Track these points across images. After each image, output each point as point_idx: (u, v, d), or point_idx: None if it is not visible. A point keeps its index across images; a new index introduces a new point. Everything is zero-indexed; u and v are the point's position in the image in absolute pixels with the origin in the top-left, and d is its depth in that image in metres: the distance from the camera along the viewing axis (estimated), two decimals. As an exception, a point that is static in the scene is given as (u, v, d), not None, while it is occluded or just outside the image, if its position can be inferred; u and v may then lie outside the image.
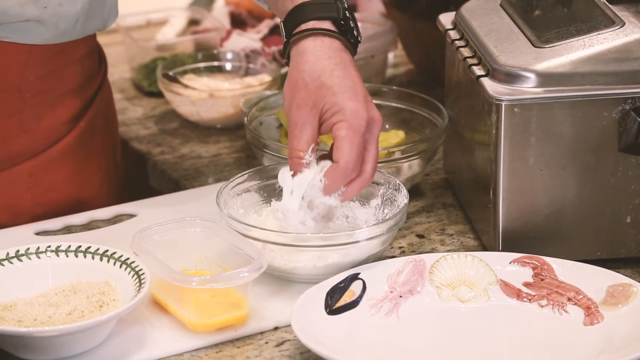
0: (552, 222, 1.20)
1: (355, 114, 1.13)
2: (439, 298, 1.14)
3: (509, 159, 1.19)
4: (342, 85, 1.14)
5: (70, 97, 1.30)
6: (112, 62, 1.74)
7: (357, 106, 1.13)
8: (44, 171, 1.30)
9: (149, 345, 1.09)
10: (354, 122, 1.13)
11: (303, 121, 1.14)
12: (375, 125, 1.15)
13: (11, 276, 1.12)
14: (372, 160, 1.15)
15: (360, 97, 1.14)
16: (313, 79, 1.14)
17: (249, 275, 1.10)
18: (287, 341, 1.11)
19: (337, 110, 1.13)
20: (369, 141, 1.14)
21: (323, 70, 1.14)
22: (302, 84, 1.15)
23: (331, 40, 1.16)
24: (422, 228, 1.30)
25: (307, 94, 1.14)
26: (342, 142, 1.13)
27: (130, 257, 1.12)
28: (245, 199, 1.23)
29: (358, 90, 1.14)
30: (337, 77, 1.14)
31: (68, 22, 1.25)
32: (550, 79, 1.17)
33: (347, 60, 1.16)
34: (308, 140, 1.14)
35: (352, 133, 1.13)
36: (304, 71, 1.15)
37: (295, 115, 1.15)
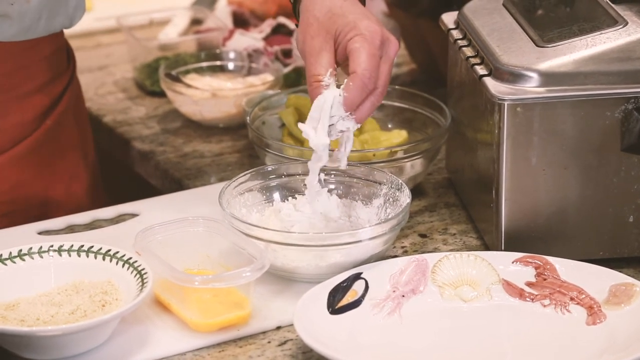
0: (554, 221, 1.20)
1: (369, 29, 1.13)
2: (441, 298, 1.14)
3: (512, 159, 1.19)
4: (352, 11, 1.14)
5: (37, 94, 1.30)
6: (115, 61, 1.75)
7: (370, 23, 1.13)
8: (10, 169, 1.29)
9: (152, 345, 1.09)
10: (368, 35, 1.12)
11: (318, 48, 1.14)
12: (390, 45, 1.14)
13: (14, 275, 1.12)
14: (384, 76, 1.13)
15: (372, 18, 1.14)
16: (323, 12, 1.14)
17: (252, 274, 1.10)
18: (290, 340, 1.11)
19: (350, 29, 1.13)
20: (383, 60, 1.14)
21: (332, 4, 1.14)
22: (312, 19, 1.15)
23: None
24: (424, 227, 1.30)
25: (319, 25, 1.14)
26: (357, 52, 1.12)
27: (132, 257, 1.12)
28: (247, 198, 1.23)
29: (370, 15, 1.15)
30: (347, 7, 1.14)
31: (32, 17, 1.24)
32: (553, 79, 1.17)
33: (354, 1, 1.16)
34: (325, 65, 1.13)
35: (368, 44, 1.12)
36: (314, 9, 1.15)
37: (309, 46, 1.15)
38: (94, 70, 1.71)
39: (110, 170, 1.56)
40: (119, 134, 1.55)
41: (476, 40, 1.25)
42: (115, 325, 1.08)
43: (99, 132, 1.57)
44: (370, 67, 1.12)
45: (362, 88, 1.12)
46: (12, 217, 1.28)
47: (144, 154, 1.50)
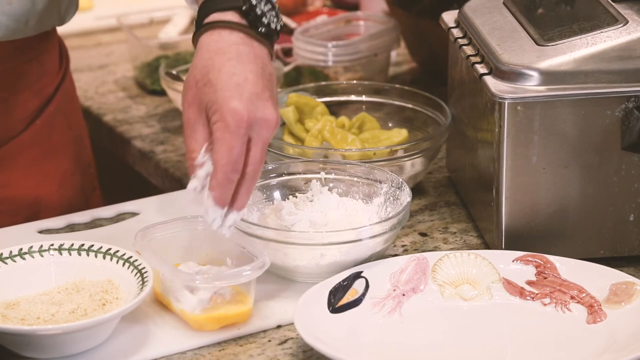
0: (555, 220, 1.20)
1: (232, 114, 1.05)
2: (441, 296, 1.14)
3: (512, 158, 1.19)
4: (226, 83, 1.06)
5: (27, 94, 1.28)
6: (115, 60, 1.74)
7: (236, 105, 1.05)
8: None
9: (152, 344, 1.09)
10: (231, 122, 1.05)
11: (193, 120, 1.08)
12: (261, 125, 1.06)
13: (14, 274, 1.12)
14: (252, 163, 1.06)
15: (244, 96, 1.05)
16: (202, 75, 1.08)
17: (252, 273, 1.10)
18: (290, 339, 1.11)
19: (215, 110, 1.06)
20: (254, 142, 1.06)
21: (213, 67, 1.07)
22: (192, 82, 1.09)
23: (230, 33, 1.08)
24: (425, 226, 1.30)
25: (196, 92, 1.08)
26: (217, 144, 1.05)
27: (133, 256, 1.12)
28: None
29: (245, 88, 1.06)
30: (224, 74, 1.06)
31: (19, 20, 1.22)
32: (553, 77, 1.17)
33: (246, 55, 1.07)
34: (200, 141, 1.08)
35: (229, 134, 1.05)
36: (195, 68, 1.09)
37: (186, 115, 1.09)
38: (95, 69, 1.71)
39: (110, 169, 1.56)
40: (119, 133, 1.55)
41: (476, 39, 1.25)
42: (116, 324, 1.08)
43: (99, 131, 1.57)
44: (230, 160, 1.05)
45: (226, 183, 1.06)
46: (1, 216, 1.28)
47: (144, 153, 1.50)
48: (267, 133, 1.07)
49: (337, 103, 1.42)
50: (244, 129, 1.06)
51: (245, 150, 1.07)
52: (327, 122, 1.35)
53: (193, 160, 1.08)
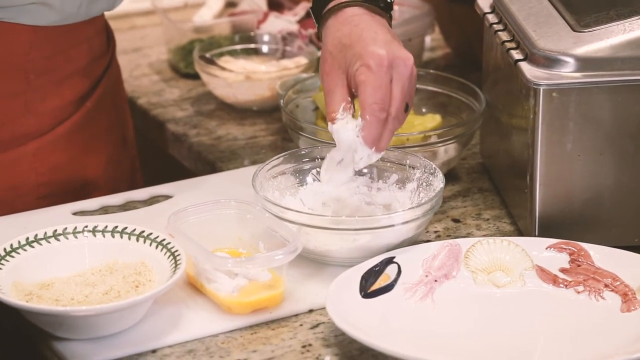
0: (589, 208, 1.19)
1: (372, 56, 1.11)
2: (474, 283, 1.14)
3: (547, 144, 1.18)
4: (359, 38, 1.13)
5: (77, 77, 1.30)
6: (150, 43, 1.75)
7: (374, 48, 1.12)
8: (49, 151, 1.29)
9: (184, 326, 1.09)
10: (372, 63, 1.11)
11: (333, 85, 1.15)
12: (400, 63, 1.12)
13: (49, 255, 1.13)
14: (394, 99, 1.12)
15: (379, 41, 1.12)
16: (335, 45, 1.14)
17: (284, 257, 1.10)
18: (322, 324, 1.11)
19: (356, 60, 1.13)
20: (394, 80, 1.12)
21: (343, 35, 1.14)
22: (327, 54, 1.15)
23: (352, 9, 1.16)
24: (457, 212, 1.29)
25: (332, 60, 1.15)
26: (363, 86, 1.12)
27: (166, 238, 1.13)
28: (280, 181, 1.23)
29: (378, 37, 1.13)
30: (355, 35, 1.14)
31: (73, 4, 1.24)
32: (590, 64, 1.16)
33: (368, 20, 1.15)
34: (338, 101, 1.14)
35: (372, 75, 1.11)
36: (327, 44, 1.16)
37: (325, 83, 1.16)
38: (129, 52, 1.72)
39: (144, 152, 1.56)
40: (153, 116, 1.56)
41: (512, 25, 1.24)
42: (149, 306, 1.09)
43: (134, 114, 1.58)
44: (377, 99, 1.11)
45: (375, 122, 1.12)
46: (50, 199, 1.29)
47: (177, 136, 1.50)
48: (406, 72, 1.13)
49: (371, 88, 1.42)
50: (386, 67, 1.11)
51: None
52: (360, 107, 1.35)
53: (333, 120, 1.14)
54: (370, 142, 1.13)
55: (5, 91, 1.26)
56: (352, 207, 1.20)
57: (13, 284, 1.09)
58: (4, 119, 1.26)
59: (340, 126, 1.15)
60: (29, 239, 1.13)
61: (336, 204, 1.20)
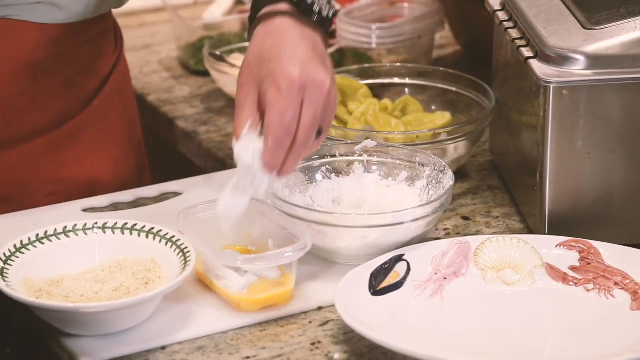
0: (599, 205, 1.19)
1: (284, 76, 1.04)
2: (483, 281, 1.14)
3: (557, 142, 1.18)
4: (277, 54, 1.06)
5: (84, 75, 1.30)
6: (160, 40, 1.75)
7: (288, 68, 1.04)
8: (57, 149, 1.29)
9: (194, 323, 1.09)
10: (283, 84, 1.04)
11: (243, 99, 1.08)
12: (315, 88, 1.04)
13: (59, 252, 1.13)
14: (303, 128, 1.04)
15: (296, 61, 1.04)
16: (254, 57, 1.08)
17: (294, 255, 1.10)
18: (331, 321, 1.11)
19: (268, 77, 1.06)
20: (305, 106, 1.04)
21: (264, 47, 1.08)
22: (246, 65, 1.09)
23: (282, 20, 1.09)
24: (467, 210, 1.29)
25: (249, 72, 1.08)
26: (268, 108, 1.05)
27: (175, 235, 1.13)
28: (290, 178, 1.23)
29: (298, 54, 1.05)
30: (275, 49, 1.06)
31: (80, 3, 1.24)
32: (600, 62, 1.16)
33: (295, 34, 1.07)
34: (246, 117, 1.07)
35: (280, 97, 1.04)
36: (248, 54, 1.09)
37: (238, 96, 1.09)
38: (139, 49, 1.72)
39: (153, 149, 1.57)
40: (163, 113, 1.56)
41: (522, 22, 1.24)
42: (158, 303, 1.09)
43: (143, 111, 1.58)
44: (282, 123, 1.04)
45: (277, 147, 1.05)
46: (57, 197, 1.29)
47: (187, 133, 1.51)
48: (320, 97, 1.05)
49: (380, 85, 1.42)
50: (296, 91, 1.05)
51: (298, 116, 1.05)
52: (370, 104, 1.35)
53: (238, 137, 1.07)
54: (269, 168, 1.06)
55: (12, 89, 1.26)
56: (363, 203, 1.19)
57: (23, 280, 1.09)
58: (11, 116, 1.26)
59: (241, 148, 1.07)
60: (39, 235, 1.13)
61: (346, 201, 1.20)
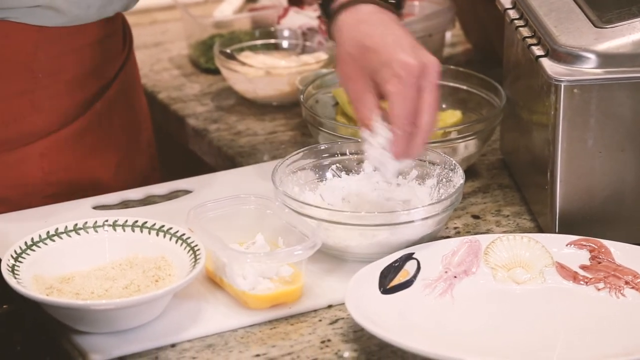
0: (610, 204, 1.19)
1: (403, 65, 1.09)
2: (494, 279, 1.14)
3: (568, 141, 1.18)
4: (384, 43, 1.11)
5: (88, 77, 1.29)
6: (170, 38, 1.75)
7: (404, 56, 1.10)
8: (56, 151, 1.29)
9: (204, 321, 1.10)
10: (403, 73, 1.09)
11: (360, 91, 1.12)
12: (429, 71, 1.10)
13: (69, 249, 1.13)
14: (426, 110, 1.10)
15: (405, 47, 1.10)
16: (354, 46, 1.12)
17: (303, 253, 1.10)
18: (341, 319, 1.11)
19: (385, 68, 1.11)
20: (425, 89, 1.10)
21: (362, 35, 1.12)
22: (346, 56, 1.13)
23: (366, 6, 1.14)
24: (477, 209, 1.29)
25: (354, 63, 1.12)
26: (392, 98, 1.10)
27: (185, 233, 1.13)
28: (300, 176, 1.23)
29: (402, 41, 1.11)
30: (377, 37, 1.11)
31: (80, 7, 1.24)
32: (611, 60, 1.16)
33: (385, 20, 1.13)
34: (370, 108, 1.12)
35: (403, 86, 1.09)
36: (344, 43, 1.13)
37: (352, 89, 1.14)
38: (150, 47, 1.72)
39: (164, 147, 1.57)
40: (173, 111, 1.56)
41: (533, 21, 1.24)
42: (168, 300, 1.09)
43: (154, 108, 1.58)
44: (408, 112, 1.09)
45: (406, 137, 1.11)
46: (57, 199, 1.28)
47: (197, 131, 1.51)
48: (434, 77, 1.11)
49: (391, 83, 1.42)
50: (416, 77, 1.10)
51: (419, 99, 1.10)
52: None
53: (369, 127, 1.12)
54: (400, 156, 1.13)
55: (12, 90, 1.25)
56: (372, 202, 1.20)
57: (34, 277, 1.09)
58: (10, 117, 1.26)
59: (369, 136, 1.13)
60: (49, 232, 1.13)
61: (356, 199, 1.20)
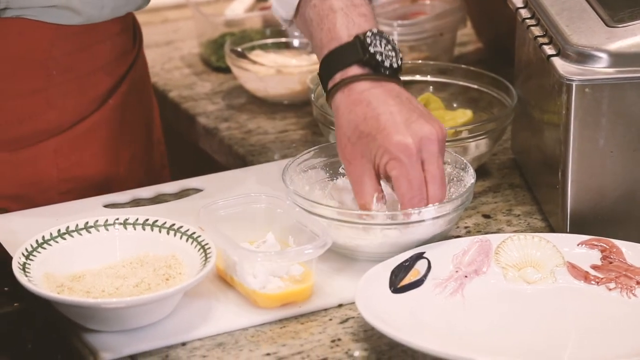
0: (621, 204, 1.18)
1: (399, 147, 1.10)
2: (504, 279, 1.14)
3: (579, 140, 1.17)
4: (378, 126, 1.12)
5: (100, 74, 1.30)
6: (181, 37, 1.75)
7: (398, 138, 1.10)
8: (70, 148, 1.29)
9: (214, 319, 1.10)
10: (401, 155, 1.10)
11: (360, 175, 1.14)
12: (427, 142, 1.11)
13: (80, 248, 1.13)
14: (431, 181, 1.12)
15: (400, 127, 1.11)
16: (351, 130, 1.13)
17: (314, 252, 1.10)
18: (351, 318, 1.11)
19: (382, 152, 1.12)
20: (426, 160, 1.12)
21: (357, 119, 1.13)
22: (344, 140, 1.14)
23: (360, 85, 1.14)
24: (488, 208, 1.29)
25: (352, 147, 1.14)
26: (396, 181, 1.12)
27: (196, 232, 1.13)
28: (311, 175, 1.23)
29: (396, 119, 1.11)
30: (371, 119, 1.12)
31: (94, 7, 1.24)
32: (623, 59, 1.15)
33: (379, 95, 1.13)
34: (370, 192, 1.14)
35: (404, 168, 1.11)
36: (342, 127, 1.14)
37: (351, 172, 1.15)
38: (161, 45, 1.73)
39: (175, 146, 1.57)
40: (184, 110, 1.56)
41: (545, 20, 1.23)
42: (179, 299, 1.09)
43: (165, 107, 1.58)
44: (414, 192, 1.11)
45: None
46: (71, 196, 1.29)
47: (208, 130, 1.51)
48: (435, 146, 1.12)
49: (401, 82, 1.42)
50: (415, 155, 1.11)
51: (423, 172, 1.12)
52: (391, 101, 1.34)
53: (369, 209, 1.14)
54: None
55: (27, 87, 1.26)
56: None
57: (44, 275, 1.09)
58: (24, 115, 1.26)
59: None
60: (60, 231, 1.13)
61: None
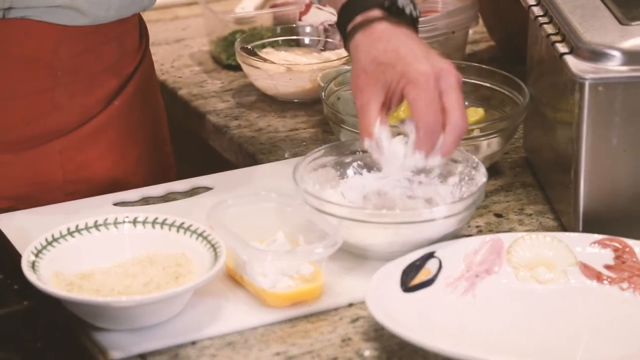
0: (634, 203, 1.18)
1: (418, 72, 1.12)
2: (516, 279, 1.13)
3: (592, 139, 1.16)
4: (398, 56, 1.13)
5: (106, 75, 1.30)
6: (192, 34, 1.75)
7: (418, 65, 1.12)
8: (76, 149, 1.29)
9: (224, 318, 1.09)
10: (420, 79, 1.12)
11: (367, 101, 1.14)
12: (445, 74, 1.12)
13: (89, 246, 1.13)
14: (454, 107, 1.12)
15: (419, 57, 1.13)
16: (369, 63, 1.14)
17: (324, 251, 1.09)
18: (362, 318, 1.10)
19: (400, 77, 1.13)
20: (445, 91, 1.12)
21: (378, 53, 1.14)
22: (360, 71, 1.15)
23: (381, 25, 1.15)
24: (500, 207, 1.28)
25: (366, 76, 1.14)
26: (414, 104, 1.12)
27: (206, 230, 1.12)
28: (321, 174, 1.23)
29: (416, 52, 1.13)
30: (391, 52, 1.13)
31: (100, 7, 1.24)
32: (637, 58, 1.15)
33: (399, 34, 1.15)
34: (374, 115, 1.14)
35: (422, 91, 1.12)
36: (359, 60, 1.15)
37: (359, 99, 1.15)
38: (171, 43, 1.72)
39: (184, 144, 1.57)
40: (194, 107, 1.56)
41: (557, 17, 1.23)
42: (189, 297, 1.09)
43: (174, 105, 1.58)
44: (429, 115, 1.12)
45: (430, 137, 1.13)
46: (77, 197, 1.29)
47: (218, 128, 1.50)
48: (452, 79, 1.13)
49: (413, 81, 1.41)
50: (433, 82, 1.12)
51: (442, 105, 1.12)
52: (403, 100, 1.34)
53: (370, 135, 1.14)
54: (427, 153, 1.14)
55: (33, 88, 1.25)
56: (393, 200, 1.19)
57: (54, 273, 1.09)
58: (30, 116, 1.26)
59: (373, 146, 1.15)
60: (69, 229, 1.13)
61: (377, 197, 1.20)
